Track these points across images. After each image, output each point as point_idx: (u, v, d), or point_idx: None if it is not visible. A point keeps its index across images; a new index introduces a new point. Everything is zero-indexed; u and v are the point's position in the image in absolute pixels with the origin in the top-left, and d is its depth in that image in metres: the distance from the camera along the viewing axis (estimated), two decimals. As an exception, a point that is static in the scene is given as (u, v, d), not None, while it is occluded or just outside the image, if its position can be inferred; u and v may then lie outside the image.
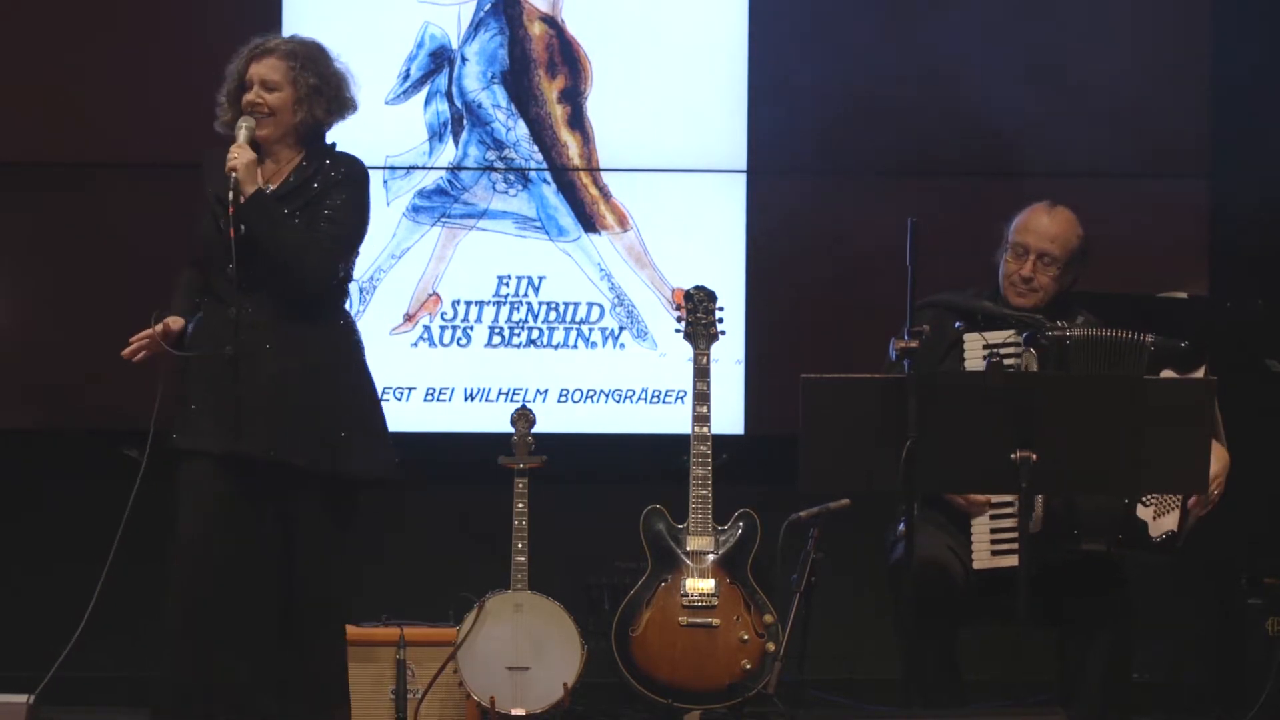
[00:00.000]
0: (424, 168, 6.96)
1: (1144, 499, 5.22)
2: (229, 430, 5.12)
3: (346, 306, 5.36)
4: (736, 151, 6.98)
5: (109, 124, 6.88)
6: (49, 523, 6.77)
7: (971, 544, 5.30)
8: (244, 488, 5.16)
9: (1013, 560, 5.15)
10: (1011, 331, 5.32)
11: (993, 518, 5.29)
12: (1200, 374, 5.21)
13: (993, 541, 5.28)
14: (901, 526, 5.17)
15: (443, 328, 6.95)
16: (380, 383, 6.81)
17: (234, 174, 5.11)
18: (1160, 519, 5.24)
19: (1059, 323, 5.32)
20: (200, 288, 5.28)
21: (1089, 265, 5.56)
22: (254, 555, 5.19)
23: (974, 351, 5.35)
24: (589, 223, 6.99)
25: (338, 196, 5.23)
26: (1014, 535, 5.19)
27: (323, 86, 5.27)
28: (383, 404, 5.40)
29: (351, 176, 5.28)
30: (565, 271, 6.98)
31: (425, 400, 6.93)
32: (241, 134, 5.19)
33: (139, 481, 5.18)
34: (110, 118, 6.88)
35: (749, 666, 6.11)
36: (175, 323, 5.22)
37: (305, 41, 5.36)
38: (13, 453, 6.85)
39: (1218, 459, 5.18)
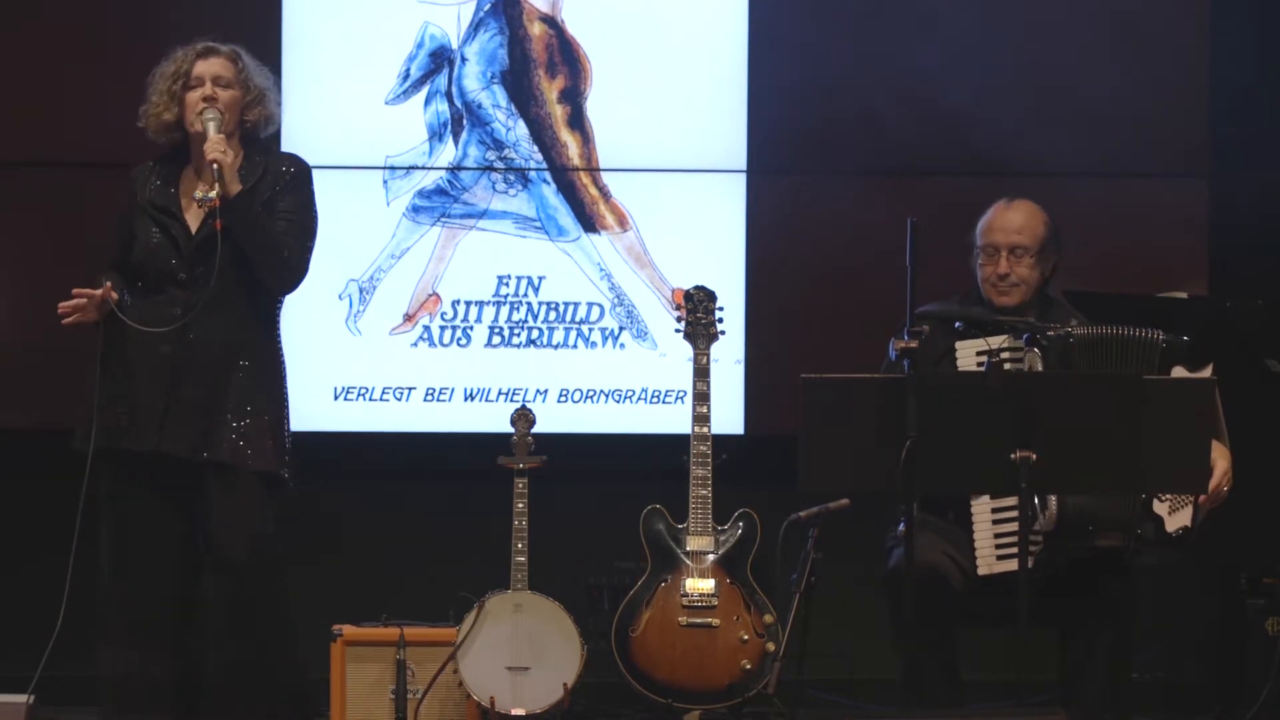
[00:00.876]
0: (424, 168, 6.96)
1: (1160, 495, 5.22)
2: (155, 428, 5.19)
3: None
4: (736, 151, 6.98)
5: (106, 122, 6.87)
6: (48, 523, 6.76)
7: (975, 549, 5.28)
8: (164, 483, 5.22)
9: (1016, 564, 5.14)
10: (1006, 336, 5.30)
11: (996, 521, 5.28)
12: (1209, 370, 5.21)
13: (997, 545, 5.26)
14: (900, 528, 5.17)
15: (443, 328, 6.95)
16: (380, 383, 6.89)
17: (216, 166, 5.12)
18: (1175, 514, 5.24)
19: (1056, 325, 5.31)
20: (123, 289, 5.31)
21: (1063, 250, 5.54)
22: (183, 550, 5.25)
23: (967, 359, 5.33)
24: (589, 223, 6.98)
25: (290, 197, 5.28)
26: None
27: (270, 91, 5.34)
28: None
29: (300, 176, 5.33)
30: (565, 271, 6.98)
31: (425, 400, 6.93)
32: (211, 127, 5.20)
33: (87, 474, 5.22)
34: (107, 116, 6.87)
35: (749, 666, 6.11)
36: (114, 294, 5.24)
37: (240, 49, 5.40)
38: (12, 453, 6.85)
39: (1224, 456, 5.19)
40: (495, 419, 6.70)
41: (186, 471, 5.23)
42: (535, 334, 6.96)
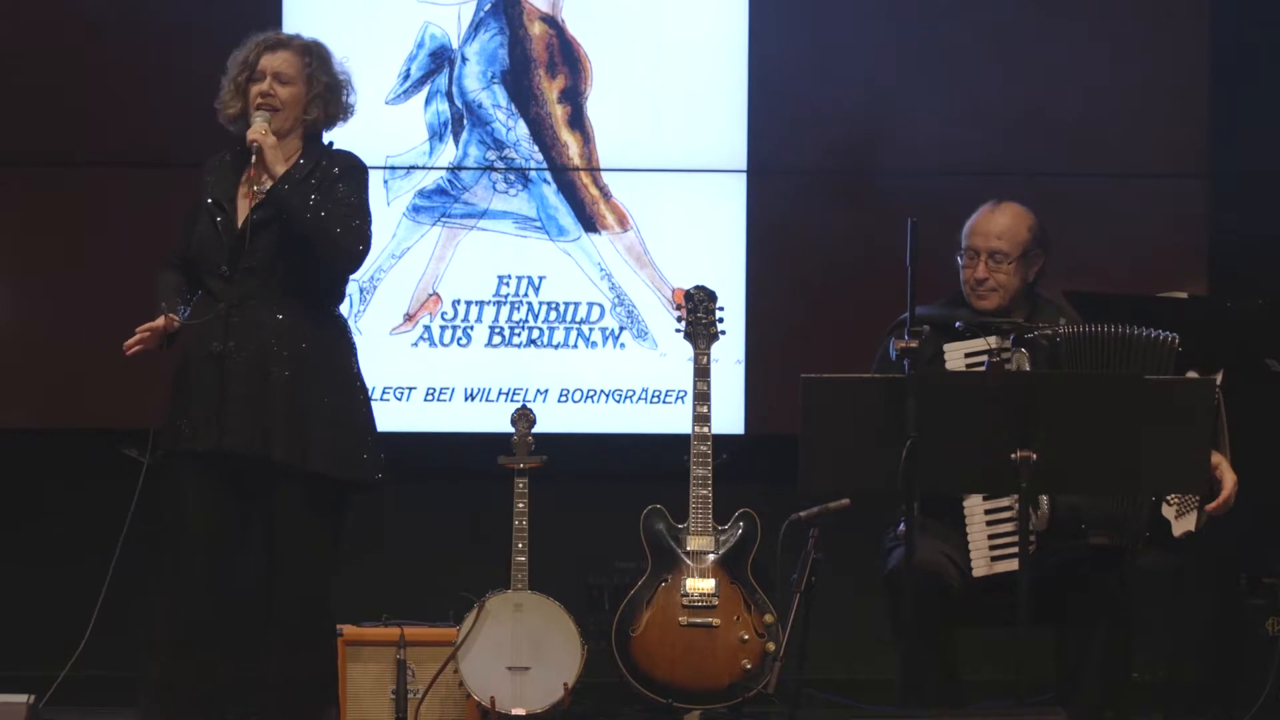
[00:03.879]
0: (424, 168, 6.96)
1: (1168, 499, 5.22)
2: (214, 427, 5.10)
3: (342, 307, 5.33)
4: (736, 151, 6.99)
5: (106, 122, 6.88)
6: (48, 523, 6.77)
7: (970, 550, 5.28)
8: (230, 486, 5.14)
9: (1012, 565, 5.13)
10: (994, 337, 5.28)
11: (990, 523, 5.28)
12: (1219, 376, 5.21)
13: (991, 547, 5.26)
14: (900, 528, 5.16)
15: (443, 328, 6.95)
16: (380, 383, 6.88)
17: (256, 145, 5.09)
18: (1181, 519, 5.23)
19: (1044, 324, 5.30)
20: (182, 289, 5.26)
21: (1051, 254, 5.52)
22: (242, 555, 5.19)
23: (955, 361, 5.32)
24: (589, 222, 6.99)
25: (345, 184, 5.20)
26: (1013, 539, 5.18)
27: (334, 86, 5.28)
28: (373, 407, 5.33)
29: (354, 169, 5.26)
30: (565, 271, 6.98)
31: (425, 400, 6.93)
32: (258, 120, 5.16)
33: (141, 482, 5.17)
34: (107, 116, 6.88)
35: (749, 666, 6.11)
36: (175, 321, 5.20)
37: (315, 40, 5.35)
38: (13, 453, 6.84)
39: (1230, 470, 5.19)
40: (495, 419, 6.71)
41: (253, 471, 5.16)
42: (535, 334, 6.96)
